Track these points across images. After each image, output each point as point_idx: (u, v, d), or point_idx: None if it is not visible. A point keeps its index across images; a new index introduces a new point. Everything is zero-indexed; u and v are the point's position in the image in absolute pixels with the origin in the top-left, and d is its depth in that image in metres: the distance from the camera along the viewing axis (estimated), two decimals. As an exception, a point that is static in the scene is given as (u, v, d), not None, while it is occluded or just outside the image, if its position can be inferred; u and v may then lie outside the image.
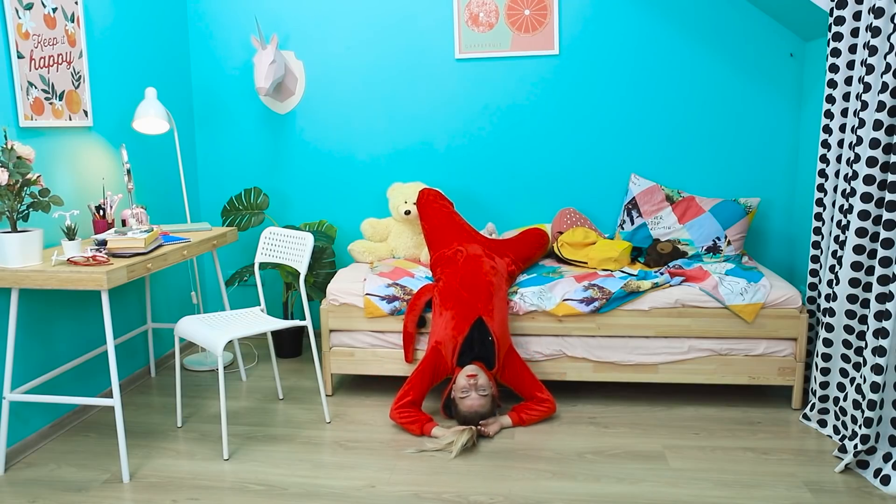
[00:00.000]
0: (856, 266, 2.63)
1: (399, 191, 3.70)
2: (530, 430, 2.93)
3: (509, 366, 3.01)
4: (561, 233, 3.68)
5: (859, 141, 2.60)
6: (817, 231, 3.08)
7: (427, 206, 3.51)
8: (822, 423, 2.89)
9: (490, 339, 2.96)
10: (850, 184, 2.71)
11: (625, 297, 3.08)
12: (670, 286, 3.12)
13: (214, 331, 2.80)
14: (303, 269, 2.98)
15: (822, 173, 3.03)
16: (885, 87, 2.43)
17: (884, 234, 2.44)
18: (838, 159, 2.89)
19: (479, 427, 2.84)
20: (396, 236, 3.73)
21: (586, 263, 3.49)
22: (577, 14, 3.77)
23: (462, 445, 2.69)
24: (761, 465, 2.61)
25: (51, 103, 2.92)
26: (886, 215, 2.43)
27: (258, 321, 2.97)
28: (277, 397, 3.37)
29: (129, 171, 3.11)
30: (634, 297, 3.08)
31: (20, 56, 2.75)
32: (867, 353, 2.52)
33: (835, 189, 2.93)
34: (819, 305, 3.05)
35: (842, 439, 2.72)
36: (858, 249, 2.62)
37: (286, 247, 3.12)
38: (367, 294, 3.21)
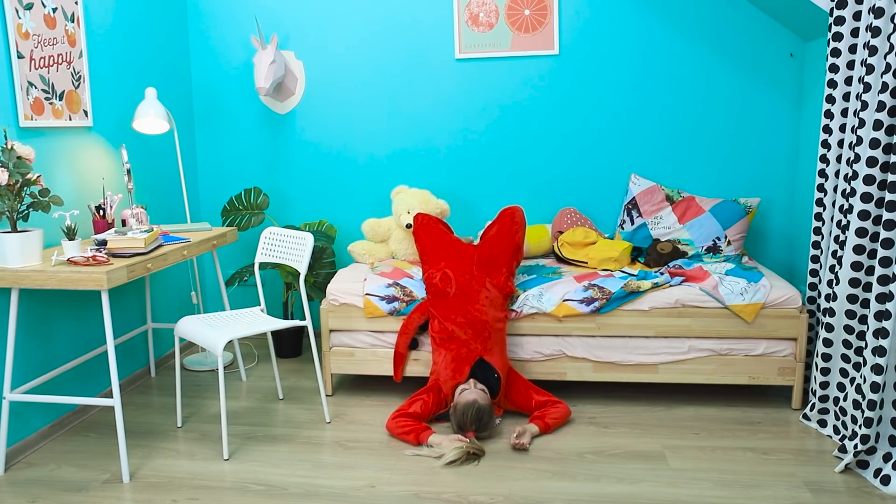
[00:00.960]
0: (856, 266, 2.63)
1: (402, 198, 3.62)
2: (530, 430, 2.93)
3: (512, 387, 3.00)
4: (561, 232, 3.68)
5: (859, 141, 2.60)
6: (817, 231, 3.08)
7: (420, 228, 3.36)
8: (822, 423, 2.89)
9: (496, 377, 2.93)
10: (850, 184, 2.71)
11: (625, 297, 3.08)
12: (670, 286, 3.12)
13: (214, 331, 2.80)
14: (303, 269, 2.98)
15: (822, 173, 3.03)
16: (885, 87, 2.43)
17: (884, 234, 2.44)
18: (838, 159, 2.89)
19: (514, 441, 2.74)
20: (397, 241, 3.70)
21: (586, 263, 3.49)
22: (577, 14, 3.77)
23: (451, 461, 2.63)
24: (761, 465, 2.61)
25: (51, 103, 2.92)
26: (886, 215, 2.43)
27: (258, 321, 2.97)
28: (277, 397, 3.37)
29: (129, 171, 3.11)
30: (634, 297, 3.08)
31: (20, 56, 2.75)
32: (867, 353, 2.52)
33: (835, 189, 2.93)
34: (819, 305, 3.05)
35: (842, 439, 2.72)
36: (858, 249, 2.62)
37: (286, 247, 3.12)
38: (366, 294, 3.21)
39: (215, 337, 2.72)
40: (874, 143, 2.49)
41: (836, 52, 2.87)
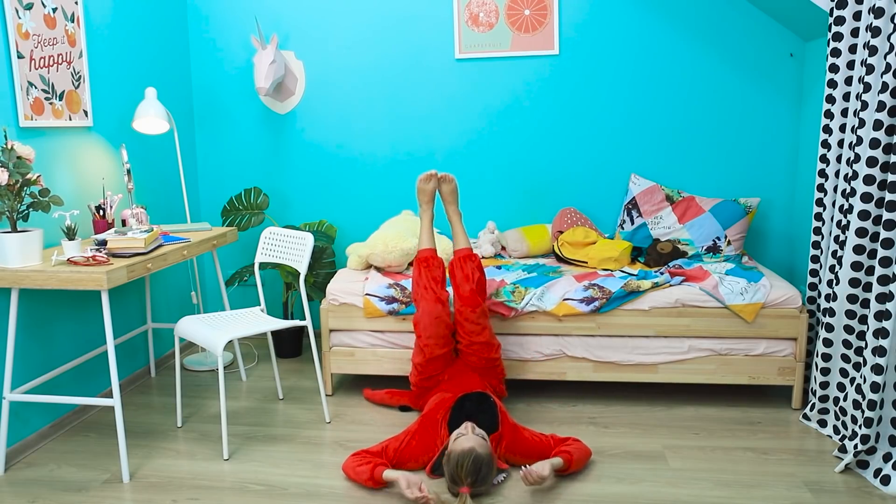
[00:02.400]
0: (856, 266, 2.63)
1: (374, 255, 3.41)
2: (530, 430, 2.93)
3: (518, 439, 2.58)
4: (561, 232, 3.69)
5: (859, 141, 2.60)
6: (817, 231, 3.08)
7: (419, 264, 3.05)
8: (822, 423, 2.89)
9: (491, 400, 2.61)
10: (850, 184, 2.72)
11: (625, 296, 3.07)
12: (670, 286, 3.12)
13: (214, 331, 2.80)
14: (303, 269, 2.98)
15: (822, 173, 3.03)
16: (885, 87, 2.43)
17: (884, 234, 2.45)
18: (838, 159, 2.89)
19: (524, 472, 2.34)
20: (391, 253, 3.50)
21: (586, 263, 3.49)
22: (577, 14, 3.77)
23: None
24: (761, 465, 2.61)
25: (51, 103, 2.92)
26: (886, 215, 2.43)
27: (258, 321, 2.97)
28: (277, 397, 3.37)
29: (129, 171, 3.11)
30: (634, 296, 3.08)
31: (20, 56, 2.74)
32: (867, 353, 2.52)
33: (835, 189, 2.93)
34: (819, 305, 3.05)
35: (842, 439, 2.72)
36: (858, 249, 2.62)
37: (286, 247, 3.12)
38: (366, 294, 3.21)
39: (215, 337, 2.72)
40: (874, 143, 2.49)
41: (836, 52, 2.87)
